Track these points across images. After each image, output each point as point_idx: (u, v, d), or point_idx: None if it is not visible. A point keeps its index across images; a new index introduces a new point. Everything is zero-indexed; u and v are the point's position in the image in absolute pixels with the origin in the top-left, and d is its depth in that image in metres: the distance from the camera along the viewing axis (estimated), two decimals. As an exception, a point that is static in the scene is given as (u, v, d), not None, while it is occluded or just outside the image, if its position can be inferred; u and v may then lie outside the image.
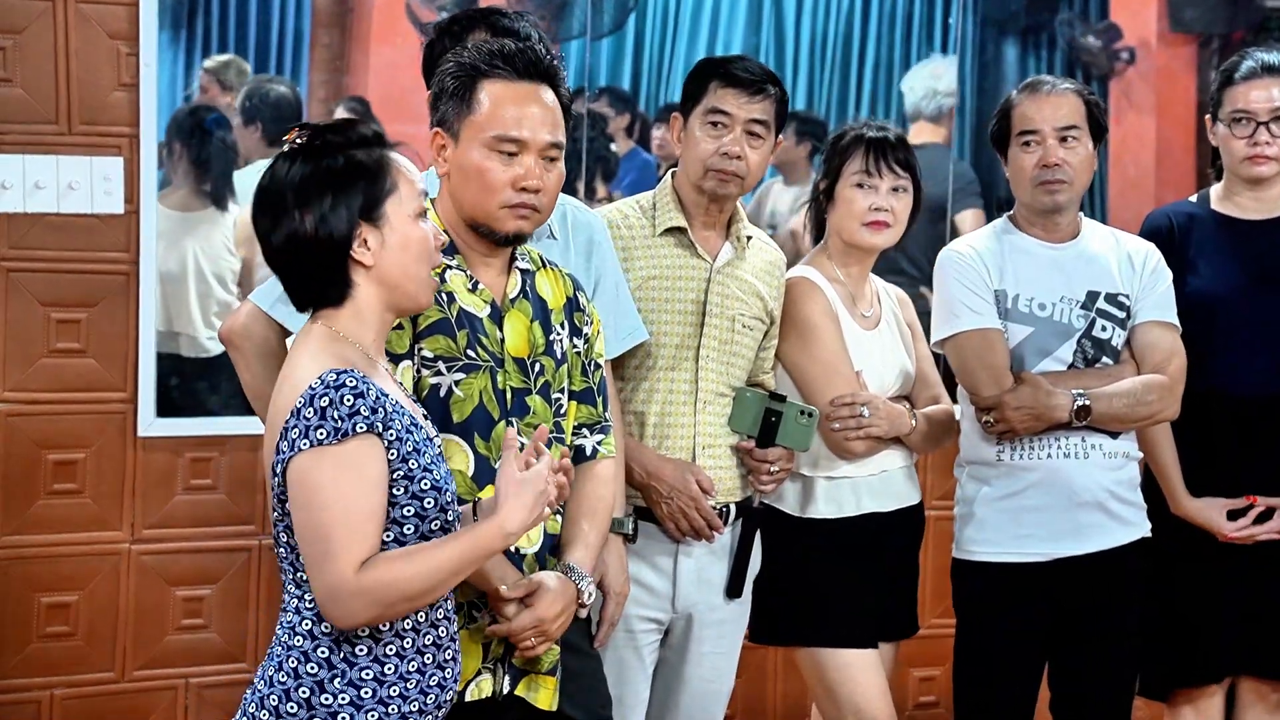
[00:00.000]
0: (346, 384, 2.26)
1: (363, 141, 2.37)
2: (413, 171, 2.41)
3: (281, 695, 2.30)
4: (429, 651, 2.36)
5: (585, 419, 2.83)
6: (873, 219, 3.38)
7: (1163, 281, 3.51)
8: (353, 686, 2.30)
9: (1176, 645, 3.62)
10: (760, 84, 3.27)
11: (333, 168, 2.34)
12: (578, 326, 2.81)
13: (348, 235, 2.33)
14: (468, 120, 2.65)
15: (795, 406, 3.29)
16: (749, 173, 3.29)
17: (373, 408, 2.26)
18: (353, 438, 2.25)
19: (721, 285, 3.32)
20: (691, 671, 3.33)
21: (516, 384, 2.68)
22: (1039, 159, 3.42)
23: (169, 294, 3.88)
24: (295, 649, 2.31)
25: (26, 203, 3.75)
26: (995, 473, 3.45)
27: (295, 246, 2.34)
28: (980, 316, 3.41)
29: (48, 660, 3.82)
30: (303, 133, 2.38)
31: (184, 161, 3.87)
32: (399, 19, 4.08)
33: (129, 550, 3.88)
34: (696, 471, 3.24)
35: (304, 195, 2.33)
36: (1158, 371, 3.43)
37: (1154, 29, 4.71)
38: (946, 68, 4.52)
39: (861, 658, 3.37)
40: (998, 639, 3.45)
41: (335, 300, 2.37)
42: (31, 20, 3.74)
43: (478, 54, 2.68)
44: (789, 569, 3.41)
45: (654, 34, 4.33)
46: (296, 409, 2.26)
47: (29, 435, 3.78)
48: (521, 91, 2.66)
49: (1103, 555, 3.43)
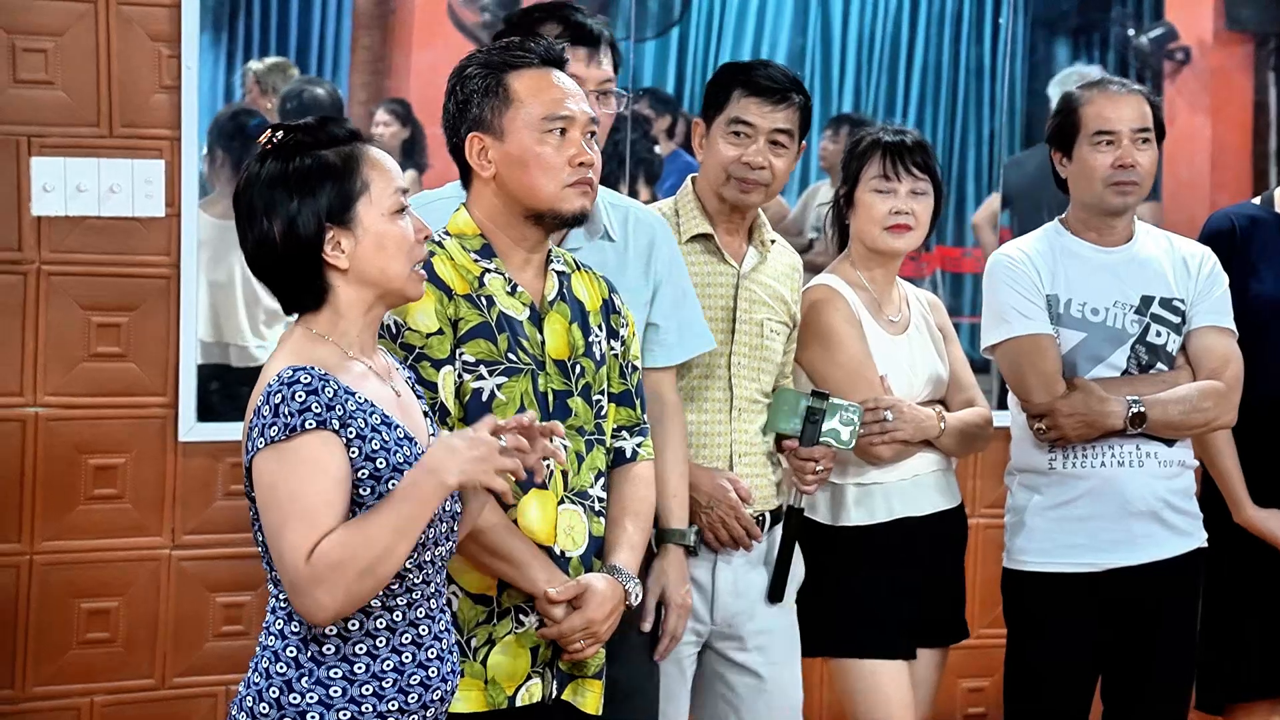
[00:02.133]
0: (300, 380, 2.22)
1: (332, 140, 2.32)
2: (390, 166, 2.36)
3: (255, 695, 2.28)
4: (407, 650, 2.32)
5: (624, 421, 2.82)
6: (893, 223, 3.35)
7: (1219, 286, 3.45)
8: (320, 685, 2.27)
9: (1233, 659, 3.58)
10: (784, 92, 3.22)
11: (299, 169, 2.29)
12: (614, 329, 2.80)
13: (317, 239, 2.29)
14: (508, 114, 2.65)
15: (838, 404, 3.25)
16: (773, 180, 3.25)
17: (327, 404, 2.22)
18: (302, 434, 2.21)
19: (749, 291, 3.28)
20: (747, 686, 3.26)
21: (558, 386, 2.67)
22: (1115, 159, 3.36)
23: (217, 304, 3.87)
24: (268, 649, 2.30)
25: (68, 206, 3.75)
26: (1047, 481, 3.40)
27: (266, 252, 2.31)
28: (1031, 321, 3.37)
29: (87, 667, 3.81)
30: (275, 134, 2.33)
31: (226, 168, 3.85)
32: (441, 21, 4.06)
33: (169, 556, 3.87)
34: (734, 480, 3.21)
35: (270, 200, 2.29)
36: (1214, 378, 3.38)
37: (1210, 28, 4.66)
38: (1094, 71, 4.49)
39: (887, 668, 3.33)
40: (1049, 650, 3.40)
41: (312, 304, 2.33)
42: (72, 22, 3.75)
43: (495, 53, 2.70)
44: (822, 578, 3.37)
45: (699, 35, 4.30)
46: (256, 408, 2.25)
47: (69, 440, 3.78)
48: (550, 75, 2.68)
49: (1157, 566, 3.38)
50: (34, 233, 3.73)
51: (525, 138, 2.65)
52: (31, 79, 3.72)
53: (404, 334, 2.59)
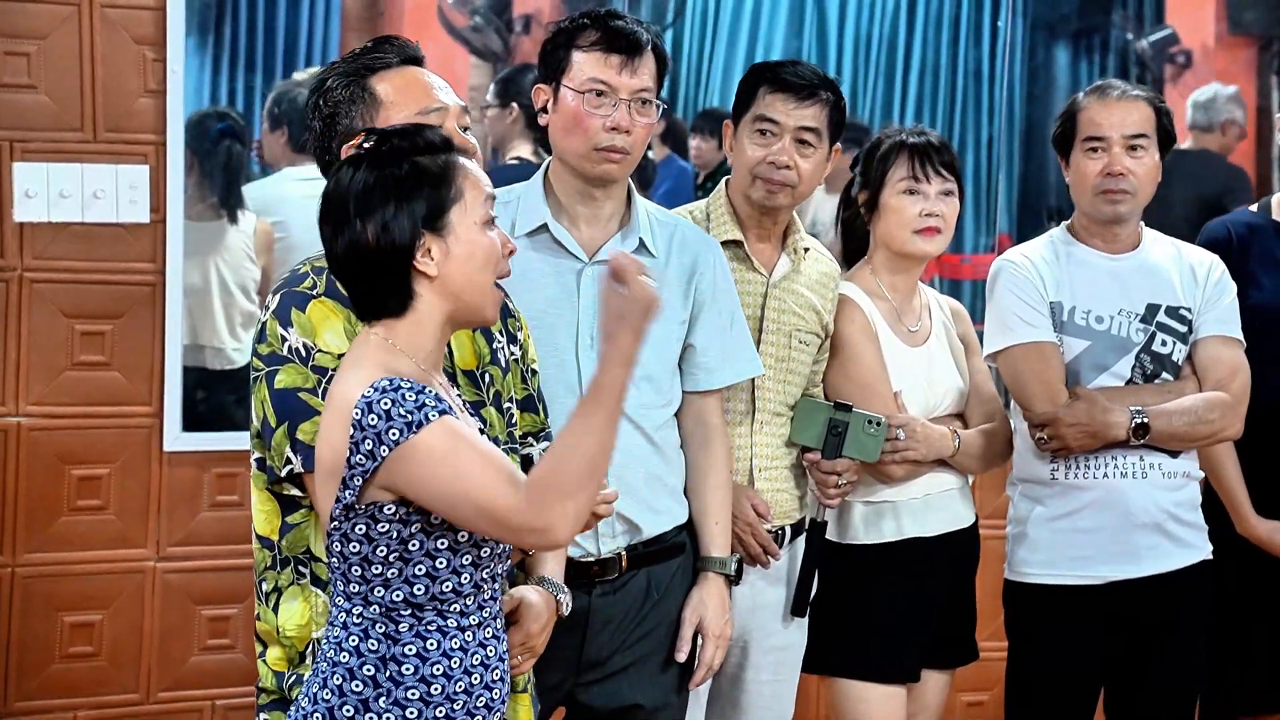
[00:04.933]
0: (402, 386, 2.22)
1: (429, 148, 2.31)
2: (481, 177, 2.35)
3: (325, 713, 2.26)
4: (476, 671, 2.31)
5: (530, 427, 2.75)
6: (924, 225, 3.29)
7: (1227, 295, 3.42)
8: (398, 706, 2.25)
9: (1239, 672, 3.54)
10: (810, 89, 3.17)
11: (396, 175, 2.28)
12: (512, 333, 2.73)
13: (410, 244, 2.28)
14: (380, 118, 2.56)
15: (862, 416, 3.19)
16: (800, 182, 3.19)
17: (437, 397, 2.23)
18: (430, 424, 2.20)
19: (778, 300, 3.23)
20: (750, 702, 3.26)
21: (470, 397, 2.60)
22: (1103, 166, 3.33)
23: (194, 307, 3.83)
24: (340, 665, 2.27)
25: (51, 212, 3.71)
26: (1049, 492, 3.36)
27: (357, 256, 2.29)
28: (1034, 329, 3.33)
29: (71, 681, 3.78)
30: (369, 138, 2.33)
31: (195, 172, 3.83)
32: (430, 24, 4.03)
33: (154, 568, 3.83)
34: (752, 496, 3.17)
35: (366, 203, 2.28)
36: (1220, 388, 3.34)
37: (1212, 31, 4.63)
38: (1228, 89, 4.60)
39: (878, 693, 3.28)
40: (1051, 664, 3.37)
41: (397, 310, 2.31)
42: (56, 25, 3.71)
43: (351, 61, 2.63)
44: (825, 595, 3.33)
45: (693, 38, 4.25)
46: (356, 422, 2.21)
47: (52, 450, 3.75)
48: (413, 71, 2.62)
49: (1161, 578, 3.34)
50: (16, 239, 3.70)
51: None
52: (14, 83, 3.69)
53: (314, 356, 2.46)
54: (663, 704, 2.99)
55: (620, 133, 2.88)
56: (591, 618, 2.91)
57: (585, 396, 2.23)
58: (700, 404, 3.04)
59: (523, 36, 4.12)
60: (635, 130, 2.90)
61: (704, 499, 3.02)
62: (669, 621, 3.00)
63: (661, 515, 2.99)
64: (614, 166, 2.91)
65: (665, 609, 3.00)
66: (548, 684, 2.82)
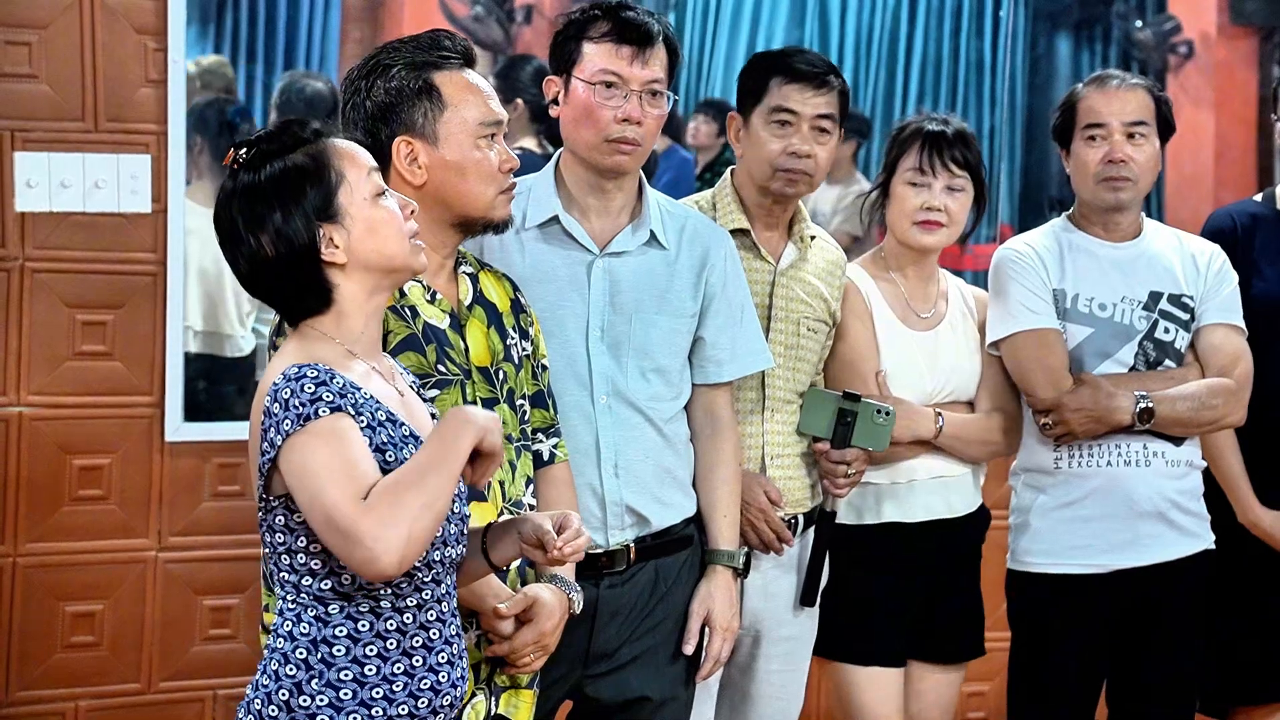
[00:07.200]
0: (306, 374, 2.20)
1: (298, 143, 2.30)
2: (358, 152, 2.33)
3: (263, 699, 2.25)
4: (418, 654, 2.28)
5: (540, 423, 2.76)
6: (923, 218, 3.27)
7: (1228, 283, 3.42)
8: (331, 688, 2.23)
9: (1239, 662, 3.54)
10: (823, 77, 3.17)
11: (274, 179, 2.27)
12: (524, 328, 2.74)
13: (311, 242, 2.27)
14: (443, 119, 2.59)
15: (871, 405, 3.18)
16: (817, 170, 3.19)
17: (339, 392, 2.20)
18: (318, 419, 2.18)
19: (786, 288, 3.23)
20: (760, 690, 3.26)
21: (484, 394, 2.61)
22: (1104, 154, 3.34)
23: (208, 293, 3.82)
24: (277, 651, 2.27)
25: (52, 201, 3.70)
26: (1052, 480, 3.36)
27: (262, 270, 2.29)
28: (1037, 316, 3.32)
29: (72, 671, 3.77)
30: (239, 151, 2.32)
31: (205, 155, 3.81)
32: (432, 13, 4.02)
33: (155, 558, 3.82)
34: (765, 483, 3.16)
35: (253, 217, 2.27)
36: (1223, 375, 3.35)
37: (1214, 21, 4.63)
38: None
39: (863, 675, 3.29)
40: (1054, 653, 3.37)
41: (320, 307, 2.31)
42: (57, 15, 3.70)
43: (416, 51, 2.63)
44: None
45: (694, 30, 4.24)
46: (265, 409, 2.21)
47: (53, 440, 3.73)
48: (471, 77, 2.64)
49: (1163, 567, 3.34)
50: (17, 229, 3.69)
51: (463, 143, 2.59)
52: (15, 73, 3.68)
53: None
54: (670, 696, 2.98)
55: (631, 124, 2.88)
56: (599, 610, 2.90)
57: (426, 441, 2.21)
58: (710, 397, 3.04)
59: (524, 27, 4.12)
60: (646, 121, 2.89)
61: (713, 492, 3.02)
62: (677, 614, 3.00)
63: (670, 508, 2.98)
64: (625, 158, 2.91)
65: (673, 601, 2.99)
66: (555, 676, 2.82)
